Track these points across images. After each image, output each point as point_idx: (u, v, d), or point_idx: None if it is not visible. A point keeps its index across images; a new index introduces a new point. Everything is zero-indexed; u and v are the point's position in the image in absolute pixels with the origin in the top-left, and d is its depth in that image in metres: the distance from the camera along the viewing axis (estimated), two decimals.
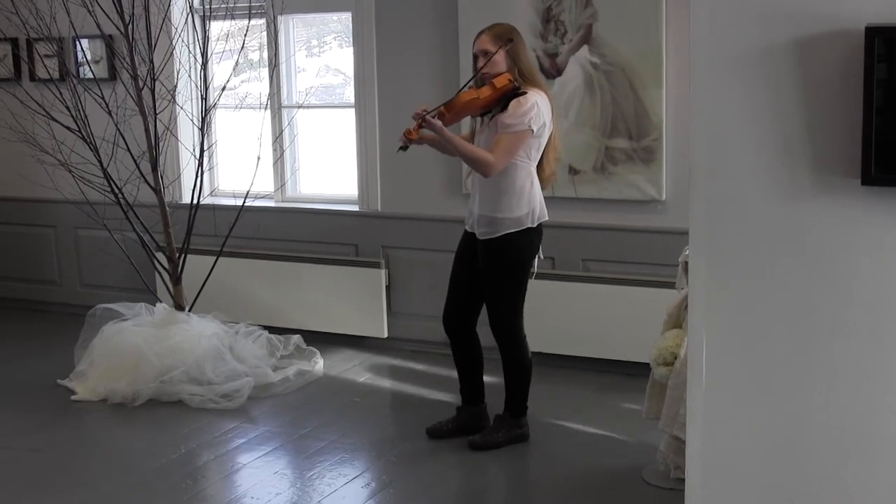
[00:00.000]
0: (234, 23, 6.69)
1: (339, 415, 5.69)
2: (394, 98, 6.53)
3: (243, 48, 6.43)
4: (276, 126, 6.99)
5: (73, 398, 5.95)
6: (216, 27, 6.71)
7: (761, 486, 2.80)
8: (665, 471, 4.66)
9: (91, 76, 6.78)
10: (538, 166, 5.01)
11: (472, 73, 5.06)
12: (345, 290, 6.72)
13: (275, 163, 7.02)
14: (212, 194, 6.98)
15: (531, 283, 5.15)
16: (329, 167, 7.26)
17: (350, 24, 6.72)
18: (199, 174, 6.40)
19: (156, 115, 6.24)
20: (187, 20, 6.59)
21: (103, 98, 6.25)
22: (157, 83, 6.21)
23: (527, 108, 4.82)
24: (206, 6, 6.58)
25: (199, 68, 6.42)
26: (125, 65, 6.28)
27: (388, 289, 6.71)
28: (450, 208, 6.42)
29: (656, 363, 4.57)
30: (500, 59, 4.90)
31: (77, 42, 6.96)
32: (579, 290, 6.11)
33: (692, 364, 2.83)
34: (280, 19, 6.87)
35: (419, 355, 6.61)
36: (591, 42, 5.94)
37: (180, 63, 6.74)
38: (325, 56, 7.33)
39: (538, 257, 5.12)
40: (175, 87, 6.62)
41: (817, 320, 2.67)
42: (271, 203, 7.06)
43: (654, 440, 4.83)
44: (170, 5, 6.63)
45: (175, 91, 6.59)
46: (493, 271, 5.03)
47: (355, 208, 6.85)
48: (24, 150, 6.80)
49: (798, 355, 2.71)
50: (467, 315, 5.22)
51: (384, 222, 6.73)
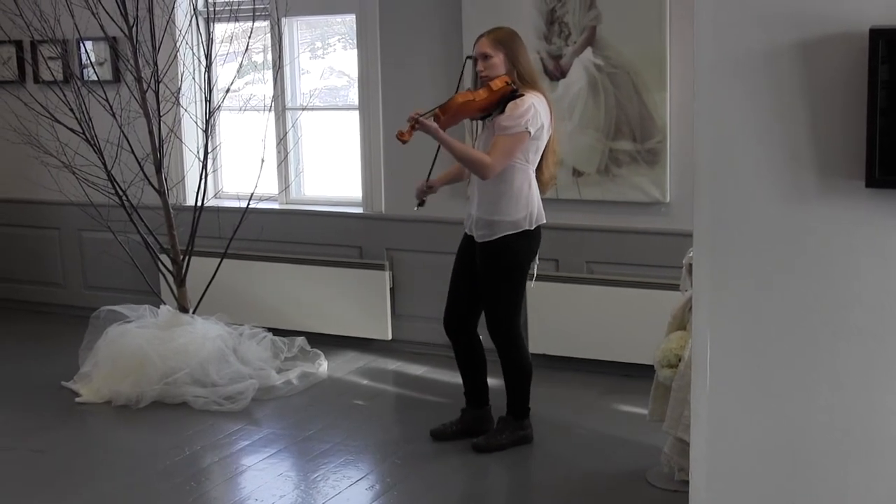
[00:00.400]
0: (237, 25, 6.69)
1: (343, 417, 5.69)
2: (398, 100, 6.52)
3: (247, 50, 6.43)
4: (280, 128, 7.00)
5: (77, 400, 5.95)
6: (220, 29, 6.71)
7: (765, 488, 2.79)
8: (669, 473, 4.66)
9: (95, 78, 6.78)
10: (537, 170, 5.01)
11: (472, 76, 5.06)
12: (349, 292, 6.72)
13: (279, 165, 7.02)
14: (216, 196, 6.99)
15: (535, 286, 5.15)
16: (333, 169, 7.26)
17: (354, 26, 6.72)
18: (203, 176, 6.40)
19: (160, 117, 6.24)
20: (191, 22, 6.59)
21: (107, 100, 6.25)
22: (161, 85, 6.22)
23: (523, 109, 4.82)
24: (210, 8, 6.58)
25: (202, 70, 6.43)
26: (129, 67, 6.28)
27: (392, 291, 6.71)
28: (454, 210, 6.41)
29: (660, 365, 4.56)
30: (498, 63, 4.91)
31: (81, 44, 6.96)
32: (583, 291, 6.10)
33: (696, 366, 2.83)
34: (284, 21, 6.87)
35: (423, 357, 6.61)
36: (594, 44, 5.94)
37: (184, 65, 6.76)
38: (329, 58, 7.33)
39: (535, 261, 5.12)
40: (179, 89, 6.63)
41: (821, 322, 2.67)
42: (275, 205, 7.07)
43: (658, 442, 4.83)
44: (173, 7, 6.63)
45: (179, 93, 6.59)
46: (491, 274, 5.03)
47: (359, 210, 6.85)
48: (28, 153, 6.80)
49: (801, 357, 2.70)
50: (467, 317, 5.22)
51: (388, 224, 6.73)
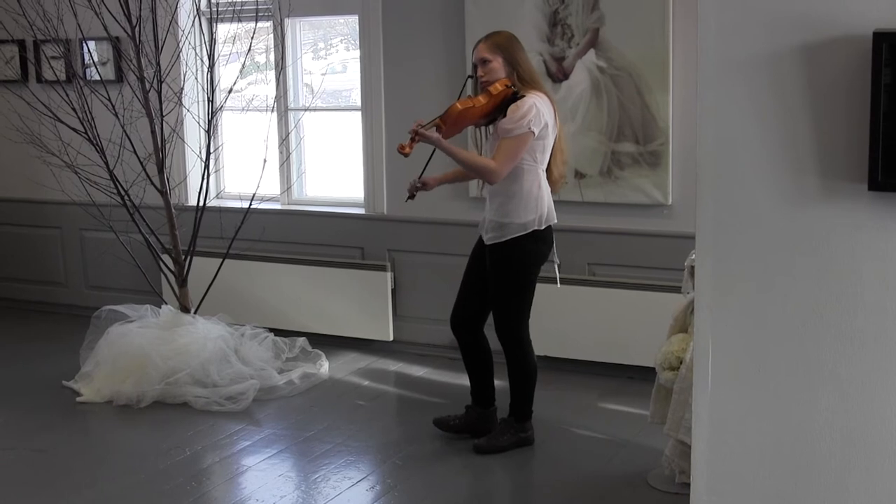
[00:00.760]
0: (240, 25, 6.70)
1: (345, 418, 5.69)
2: (400, 101, 6.53)
3: (250, 51, 6.44)
4: (283, 129, 7.00)
5: (79, 400, 5.95)
6: (223, 30, 6.72)
7: (766, 491, 2.79)
8: (670, 475, 4.66)
9: (98, 78, 6.79)
10: (546, 170, 5.00)
11: (474, 83, 5.05)
12: (350, 293, 6.72)
13: (281, 165, 7.02)
14: (218, 197, 6.99)
15: (545, 288, 5.15)
16: (335, 170, 7.26)
17: (357, 26, 6.72)
18: (206, 176, 6.41)
19: (162, 117, 6.25)
20: (194, 22, 6.60)
21: (110, 100, 6.25)
22: (163, 85, 6.22)
23: (524, 110, 4.81)
24: (213, 8, 6.59)
25: (205, 71, 6.43)
26: (132, 67, 6.28)
27: (393, 292, 6.71)
28: (456, 212, 6.42)
29: (662, 367, 4.56)
30: (497, 66, 4.90)
31: (84, 44, 6.97)
32: (585, 294, 6.10)
33: (698, 368, 2.83)
34: (287, 22, 6.88)
35: (424, 358, 6.61)
36: (597, 46, 5.94)
37: (187, 65, 6.76)
38: (332, 59, 7.33)
39: (554, 261, 5.11)
40: (182, 89, 6.63)
41: (823, 325, 2.67)
42: (277, 206, 7.07)
43: (660, 445, 4.83)
44: (177, 7, 6.63)
45: (182, 93, 6.60)
46: (500, 276, 5.02)
47: (361, 211, 6.86)
48: (31, 152, 6.81)
49: (803, 360, 2.70)
50: (475, 317, 5.21)
51: (390, 225, 6.73)
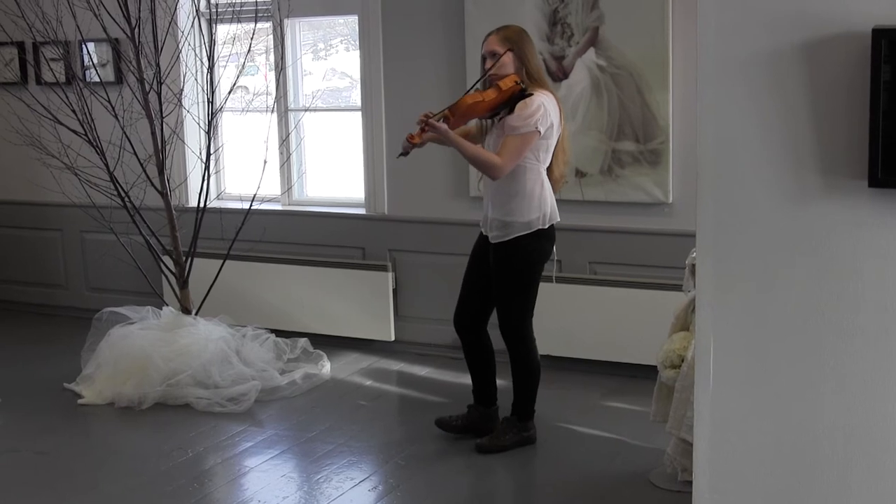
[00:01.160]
0: (240, 26, 6.70)
1: (347, 418, 5.69)
2: (400, 101, 6.53)
3: (250, 51, 6.44)
4: (283, 129, 7.00)
5: (80, 402, 5.95)
6: (222, 30, 6.71)
7: (768, 489, 2.79)
8: (672, 473, 4.66)
9: (97, 80, 6.79)
10: (548, 169, 5.00)
11: (479, 75, 5.05)
12: (352, 293, 6.72)
13: (281, 166, 7.02)
14: (218, 198, 6.98)
15: (544, 286, 5.15)
16: (336, 170, 7.26)
17: (356, 27, 6.72)
18: (206, 177, 6.41)
19: (162, 118, 6.24)
20: (193, 23, 6.60)
21: (109, 101, 6.25)
22: (163, 86, 6.22)
23: (533, 109, 4.81)
24: (213, 9, 6.59)
25: (205, 71, 6.43)
26: (131, 68, 6.28)
27: (395, 292, 6.71)
28: (457, 211, 6.42)
29: (663, 366, 4.56)
30: (507, 61, 4.90)
31: (83, 46, 6.97)
32: (586, 292, 6.10)
33: (699, 366, 2.82)
34: (286, 22, 6.88)
35: (426, 358, 6.61)
36: (597, 45, 5.94)
37: (186, 66, 6.76)
38: (332, 59, 7.33)
39: (553, 259, 5.12)
40: (181, 90, 6.63)
41: (824, 322, 2.66)
42: (278, 206, 7.07)
43: (662, 443, 4.82)
44: (176, 9, 6.63)
45: (181, 94, 6.60)
46: (504, 274, 5.02)
47: (362, 211, 6.85)
48: (31, 154, 6.81)
49: (805, 357, 2.70)
50: (478, 316, 5.21)
51: (391, 225, 6.73)
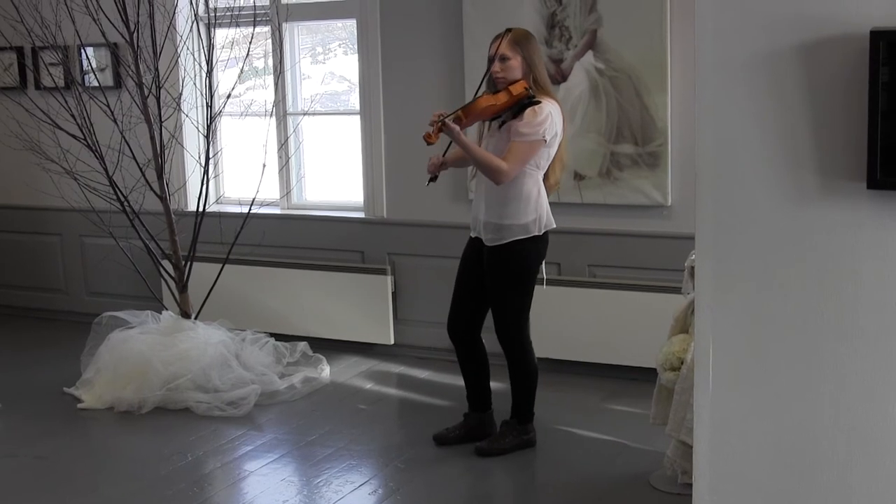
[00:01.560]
0: (238, 30, 6.70)
1: (346, 422, 5.69)
2: (399, 104, 6.53)
3: (248, 55, 6.44)
4: (282, 133, 7.00)
5: (80, 406, 5.95)
6: (221, 35, 6.72)
7: (769, 491, 2.79)
8: (672, 476, 4.65)
9: (96, 84, 6.79)
10: (544, 175, 5.01)
11: (481, 77, 5.04)
12: (351, 297, 6.72)
13: (280, 170, 7.02)
14: (217, 202, 6.99)
15: (538, 289, 5.15)
16: (334, 174, 7.26)
17: (355, 30, 6.73)
18: (205, 182, 6.41)
19: (161, 122, 6.25)
20: (192, 28, 6.60)
21: (108, 106, 6.26)
22: (162, 91, 6.22)
23: (542, 117, 4.83)
24: (211, 14, 6.59)
25: (203, 76, 6.43)
26: (130, 73, 6.29)
27: (394, 295, 6.71)
28: (456, 215, 6.42)
29: (663, 368, 4.56)
30: (516, 65, 4.90)
31: (82, 50, 6.97)
32: (585, 295, 6.10)
33: (699, 369, 2.83)
34: (285, 26, 6.88)
35: (426, 362, 6.61)
36: (595, 48, 5.94)
37: (185, 71, 6.76)
38: (330, 63, 7.34)
39: (543, 267, 5.12)
40: (180, 94, 6.63)
41: (824, 324, 2.67)
42: (277, 210, 7.07)
43: (662, 445, 4.82)
44: (174, 13, 6.64)
45: (180, 99, 6.60)
46: (499, 278, 5.03)
47: (361, 215, 6.85)
48: (30, 159, 6.82)
49: (805, 359, 2.70)
50: (472, 321, 5.21)
51: (390, 229, 6.73)
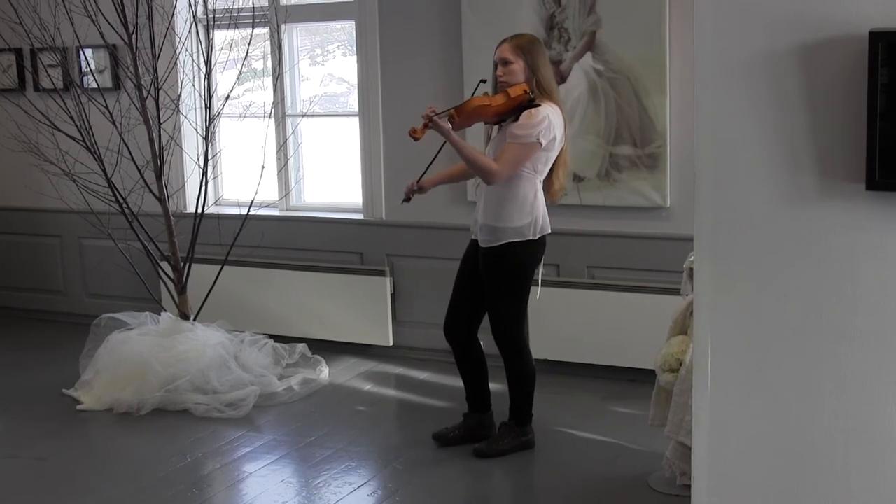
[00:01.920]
0: (237, 32, 6.70)
1: (345, 423, 5.69)
2: (398, 106, 6.53)
3: (247, 57, 6.44)
4: (281, 135, 7.00)
5: (79, 407, 5.95)
6: (220, 36, 6.71)
7: (768, 492, 2.79)
8: (671, 477, 4.65)
9: (95, 86, 6.79)
10: (547, 180, 5.01)
11: (491, 80, 5.05)
12: (350, 298, 6.72)
13: (279, 171, 7.02)
14: (216, 203, 6.99)
15: (535, 292, 5.15)
16: (333, 176, 7.26)
17: (354, 32, 6.73)
18: (204, 183, 6.40)
19: (160, 124, 6.25)
20: (191, 29, 6.60)
21: (107, 108, 6.25)
22: (160, 92, 6.22)
23: (537, 120, 4.82)
24: (210, 15, 6.59)
25: (202, 77, 6.43)
26: (129, 74, 6.28)
27: (393, 297, 6.71)
28: (454, 216, 6.42)
29: (661, 370, 4.56)
30: (518, 69, 4.90)
31: (81, 52, 6.97)
32: (584, 297, 6.10)
33: (698, 370, 2.83)
34: (284, 28, 6.88)
35: (424, 363, 6.61)
36: (594, 49, 5.94)
37: (184, 72, 6.76)
38: (329, 64, 7.34)
39: (540, 267, 5.12)
40: (179, 96, 6.63)
41: (823, 325, 2.67)
42: (276, 212, 7.07)
43: (660, 447, 4.82)
44: (173, 15, 6.64)
45: (179, 100, 6.60)
46: (494, 280, 5.03)
47: (360, 217, 6.85)
48: (29, 160, 6.81)
49: (803, 360, 2.70)
50: (469, 323, 5.21)
51: (389, 230, 6.73)
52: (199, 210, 6.36)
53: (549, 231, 5.03)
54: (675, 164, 5.86)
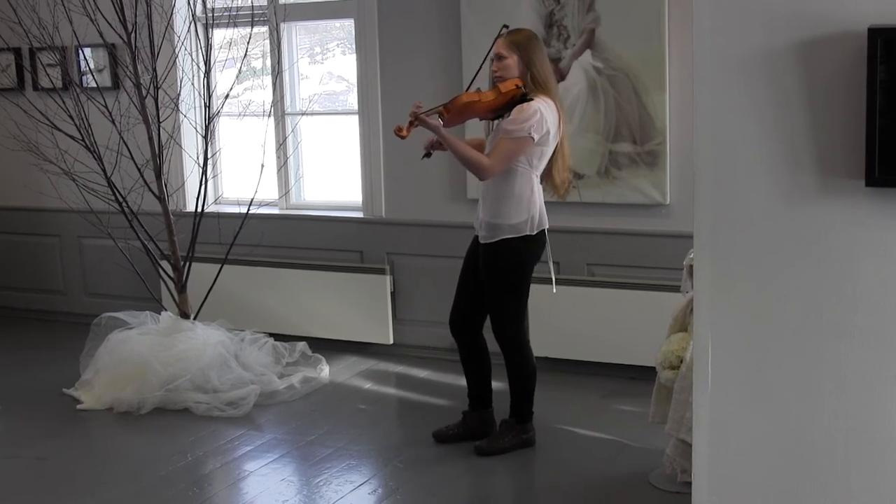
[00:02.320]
0: (236, 30, 6.70)
1: (345, 422, 5.69)
2: (397, 104, 6.52)
3: (246, 56, 6.44)
4: (280, 133, 7.00)
5: (79, 407, 5.95)
6: (219, 35, 6.71)
7: (768, 489, 2.79)
8: (672, 474, 4.66)
9: (94, 85, 6.79)
10: (548, 174, 5.00)
11: (488, 76, 5.05)
12: (350, 296, 6.72)
13: (279, 170, 7.02)
14: (216, 202, 6.98)
15: (536, 288, 5.15)
16: (333, 174, 7.26)
17: (353, 30, 6.73)
18: (203, 182, 6.40)
19: (159, 123, 6.24)
20: (190, 28, 6.60)
21: (106, 107, 6.25)
22: (160, 91, 6.22)
23: (528, 114, 4.81)
24: (209, 14, 6.59)
25: (201, 76, 6.43)
26: (128, 73, 6.28)
27: (393, 295, 6.70)
28: (454, 214, 6.42)
29: (662, 367, 4.56)
30: (512, 64, 4.90)
31: (80, 51, 6.97)
32: (584, 294, 6.10)
33: (698, 367, 2.83)
34: (283, 27, 6.88)
35: (425, 361, 6.61)
36: (593, 47, 5.94)
37: (183, 71, 6.76)
38: (329, 63, 7.33)
39: (549, 265, 5.11)
40: (178, 95, 6.63)
41: (822, 322, 2.67)
42: (275, 210, 7.07)
43: (661, 444, 4.83)
44: (172, 13, 6.63)
45: (178, 99, 6.60)
46: (492, 276, 5.03)
47: (359, 215, 6.85)
48: (28, 160, 6.81)
49: (803, 357, 2.70)
50: (473, 319, 5.21)
51: (389, 229, 6.73)
52: (199, 209, 6.36)
53: (547, 225, 5.02)
54: (674, 161, 5.86)
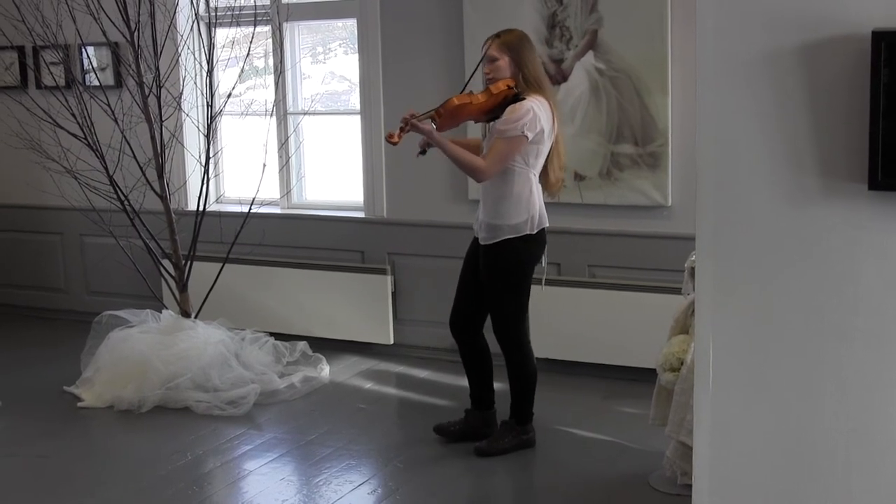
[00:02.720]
0: (239, 30, 6.70)
1: (346, 421, 5.69)
2: (399, 104, 6.50)
3: (249, 55, 6.44)
4: (282, 133, 7.00)
5: (80, 405, 5.95)
6: (222, 34, 6.72)
7: (768, 492, 2.79)
8: (672, 477, 4.65)
9: (97, 83, 6.79)
10: (543, 173, 5.00)
11: (480, 78, 5.06)
12: (351, 296, 6.72)
13: (280, 169, 7.02)
14: (217, 201, 6.99)
15: (537, 290, 5.14)
16: (334, 174, 7.26)
17: (355, 30, 6.73)
18: (205, 181, 6.41)
19: (161, 122, 6.25)
20: (193, 27, 6.60)
21: (109, 105, 6.26)
22: (162, 90, 6.22)
23: (521, 113, 4.81)
24: (212, 13, 6.59)
25: (204, 75, 6.43)
26: (131, 72, 6.29)
27: (394, 295, 6.70)
28: (455, 214, 6.42)
29: (663, 369, 4.56)
30: (503, 65, 4.90)
31: (83, 49, 6.97)
32: (585, 295, 6.10)
33: (699, 369, 2.82)
34: (285, 26, 6.88)
35: (425, 361, 6.61)
36: (596, 48, 5.94)
37: (186, 70, 6.76)
38: (331, 63, 7.34)
39: (542, 264, 5.12)
40: (181, 94, 6.63)
41: (824, 325, 2.66)
42: (277, 210, 7.07)
43: (661, 446, 4.82)
44: (175, 12, 6.63)
45: (181, 98, 6.60)
46: (492, 277, 5.03)
47: (361, 215, 6.85)
48: (31, 158, 6.81)
49: (805, 360, 2.70)
50: (473, 319, 5.21)
51: (390, 229, 6.73)
52: (201, 208, 6.37)
53: (547, 224, 5.02)
54: (676, 162, 5.86)
